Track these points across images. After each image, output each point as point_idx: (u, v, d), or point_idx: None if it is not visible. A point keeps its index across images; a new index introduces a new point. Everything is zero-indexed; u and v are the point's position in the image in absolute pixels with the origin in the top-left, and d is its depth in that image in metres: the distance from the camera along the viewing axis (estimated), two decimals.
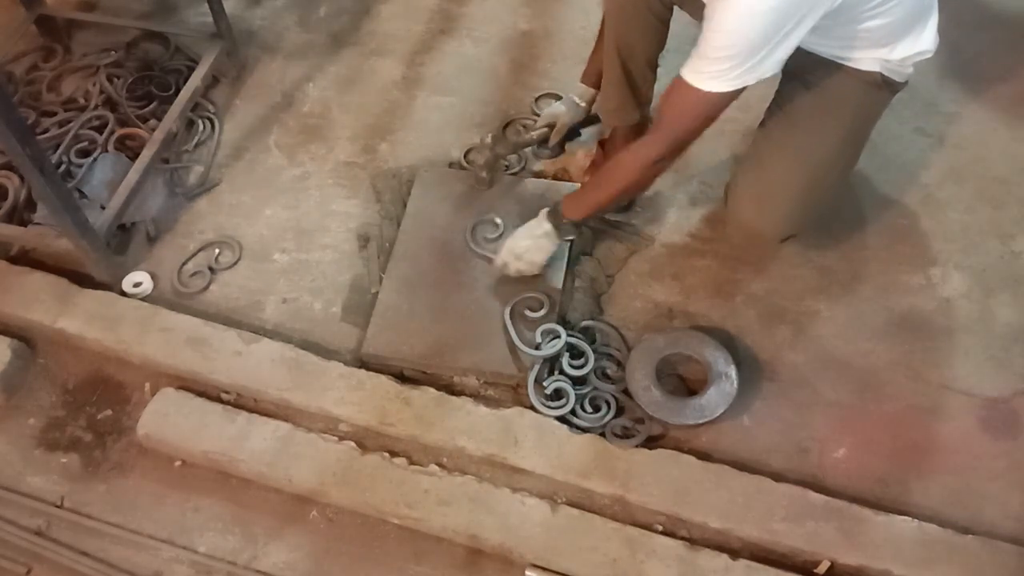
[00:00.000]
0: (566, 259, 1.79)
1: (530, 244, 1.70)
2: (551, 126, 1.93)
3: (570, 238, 1.70)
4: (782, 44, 1.36)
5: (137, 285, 1.84)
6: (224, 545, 1.58)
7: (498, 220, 1.85)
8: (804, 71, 1.54)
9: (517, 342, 1.67)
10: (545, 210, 1.69)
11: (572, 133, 1.96)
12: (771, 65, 1.38)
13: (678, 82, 1.43)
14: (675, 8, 1.66)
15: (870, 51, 1.53)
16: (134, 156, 1.96)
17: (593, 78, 1.89)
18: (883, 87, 1.58)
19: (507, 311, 1.72)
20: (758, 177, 1.66)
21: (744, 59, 1.35)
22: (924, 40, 1.54)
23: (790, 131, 1.62)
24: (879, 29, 1.48)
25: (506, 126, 2.09)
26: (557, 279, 1.77)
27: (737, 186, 1.69)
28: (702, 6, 1.48)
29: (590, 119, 1.97)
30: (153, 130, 2.00)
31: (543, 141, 1.95)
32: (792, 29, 1.34)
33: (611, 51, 1.74)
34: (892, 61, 1.54)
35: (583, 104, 1.92)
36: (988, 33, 2.23)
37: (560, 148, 1.99)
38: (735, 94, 1.41)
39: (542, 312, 1.72)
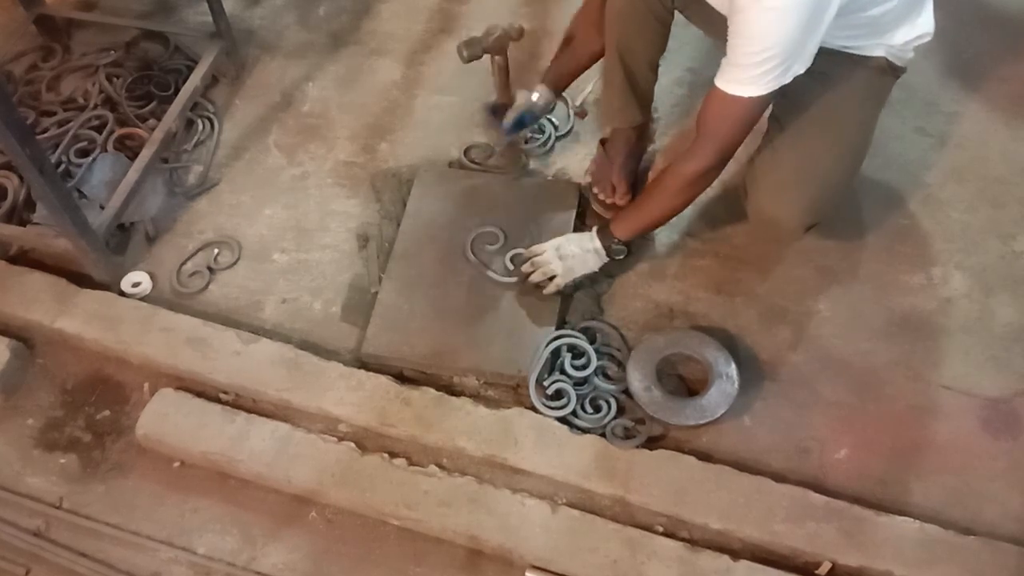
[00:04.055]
0: None
1: (578, 253, 1.69)
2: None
3: (619, 257, 1.71)
4: (812, 38, 1.38)
5: (136, 285, 1.84)
6: (223, 546, 1.57)
7: (499, 232, 1.84)
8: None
9: (491, 274, 1.76)
10: (595, 228, 1.70)
11: (526, 120, 1.89)
12: (804, 61, 1.40)
13: (716, 94, 1.45)
14: (675, 11, 1.67)
15: (874, 38, 1.56)
16: (133, 156, 1.96)
17: (551, 81, 1.86)
18: (888, 72, 1.62)
19: (468, 247, 1.81)
20: (775, 168, 1.65)
21: (781, 60, 1.37)
22: (922, 23, 1.57)
23: (803, 120, 1.62)
24: (883, 16, 1.51)
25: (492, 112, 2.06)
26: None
27: (756, 179, 1.69)
28: (709, 12, 1.48)
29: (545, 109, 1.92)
30: (152, 130, 2.00)
31: (506, 86, 1.93)
32: (820, 20, 1.36)
33: (612, 53, 1.74)
34: (895, 46, 1.58)
35: (543, 97, 1.86)
36: (988, 33, 2.23)
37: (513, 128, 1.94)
38: (774, 95, 1.42)
39: (499, 245, 1.82)
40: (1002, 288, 1.79)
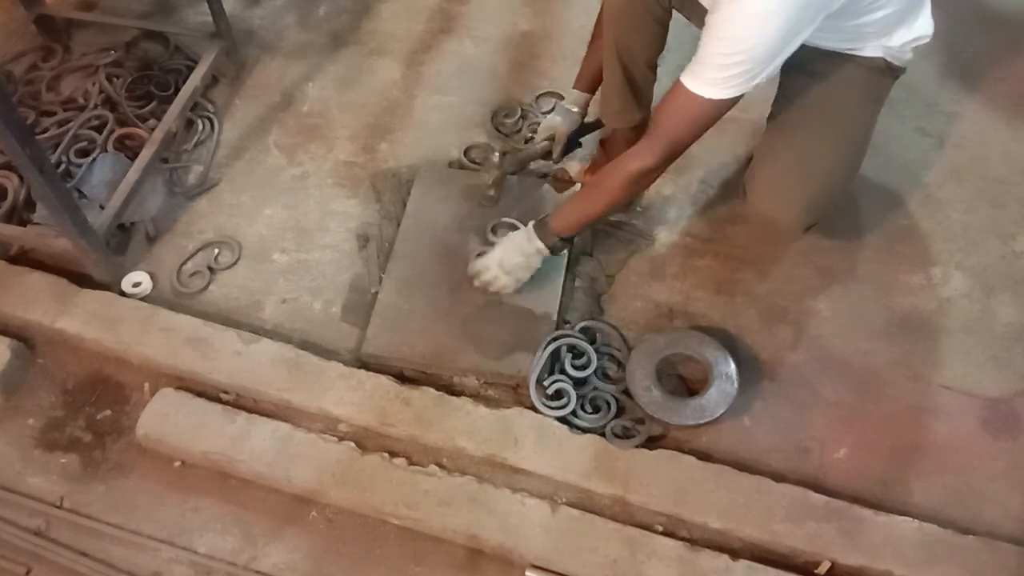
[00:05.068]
0: (565, 260, 1.79)
1: (522, 262, 1.67)
2: (551, 139, 1.90)
3: (562, 252, 1.70)
4: (785, 50, 1.37)
5: (136, 285, 1.84)
6: (223, 546, 1.58)
7: (498, 232, 1.83)
8: (809, 63, 1.55)
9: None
10: (532, 224, 1.67)
11: (572, 143, 1.93)
12: (771, 71, 1.39)
13: (679, 89, 1.43)
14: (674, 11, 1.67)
15: (871, 40, 1.56)
16: (133, 156, 1.96)
17: (586, 82, 1.87)
18: (886, 72, 1.62)
19: (468, 247, 1.79)
20: (775, 168, 1.65)
21: (751, 67, 1.36)
22: (920, 26, 1.57)
23: (802, 120, 1.62)
24: (878, 22, 1.51)
25: (493, 116, 2.09)
26: (556, 283, 1.77)
27: (755, 179, 1.69)
28: (703, 11, 1.48)
29: (588, 126, 1.95)
30: (152, 130, 2.00)
31: (547, 154, 1.92)
32: (796, 33, 1.35)
33: (611, 54, 1.74)
34: (893, 47, 1.58)
35: (576, 110, 1.89)
36: (988, 33, 2.23)
37: (563, 156, 1.98)
38: (735, 101, 1.41)
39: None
40: (1002, 288, 1.80)
